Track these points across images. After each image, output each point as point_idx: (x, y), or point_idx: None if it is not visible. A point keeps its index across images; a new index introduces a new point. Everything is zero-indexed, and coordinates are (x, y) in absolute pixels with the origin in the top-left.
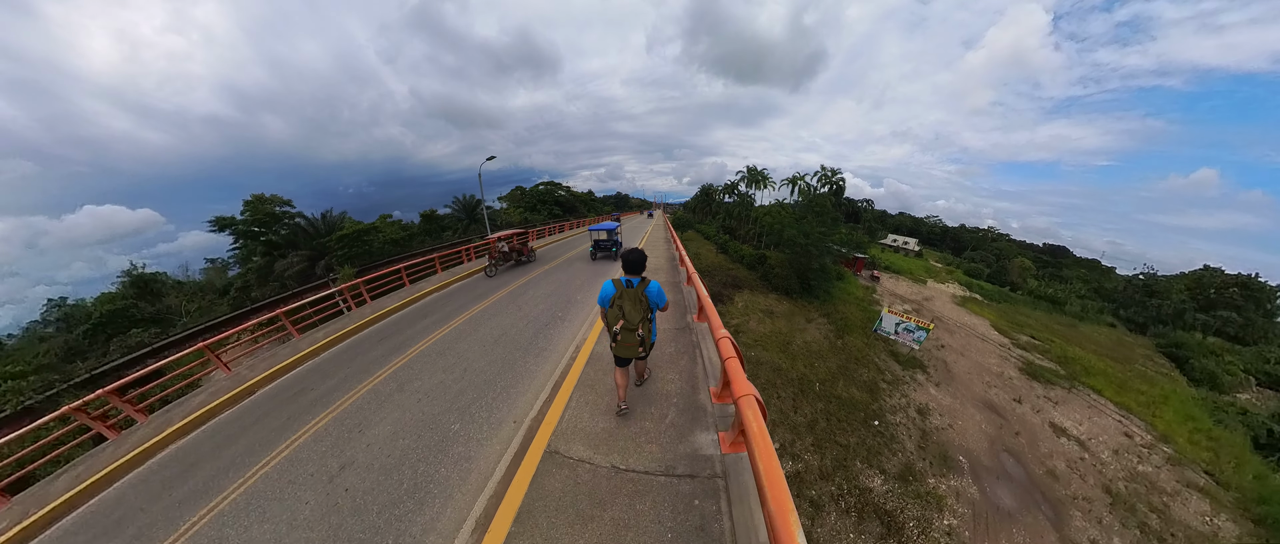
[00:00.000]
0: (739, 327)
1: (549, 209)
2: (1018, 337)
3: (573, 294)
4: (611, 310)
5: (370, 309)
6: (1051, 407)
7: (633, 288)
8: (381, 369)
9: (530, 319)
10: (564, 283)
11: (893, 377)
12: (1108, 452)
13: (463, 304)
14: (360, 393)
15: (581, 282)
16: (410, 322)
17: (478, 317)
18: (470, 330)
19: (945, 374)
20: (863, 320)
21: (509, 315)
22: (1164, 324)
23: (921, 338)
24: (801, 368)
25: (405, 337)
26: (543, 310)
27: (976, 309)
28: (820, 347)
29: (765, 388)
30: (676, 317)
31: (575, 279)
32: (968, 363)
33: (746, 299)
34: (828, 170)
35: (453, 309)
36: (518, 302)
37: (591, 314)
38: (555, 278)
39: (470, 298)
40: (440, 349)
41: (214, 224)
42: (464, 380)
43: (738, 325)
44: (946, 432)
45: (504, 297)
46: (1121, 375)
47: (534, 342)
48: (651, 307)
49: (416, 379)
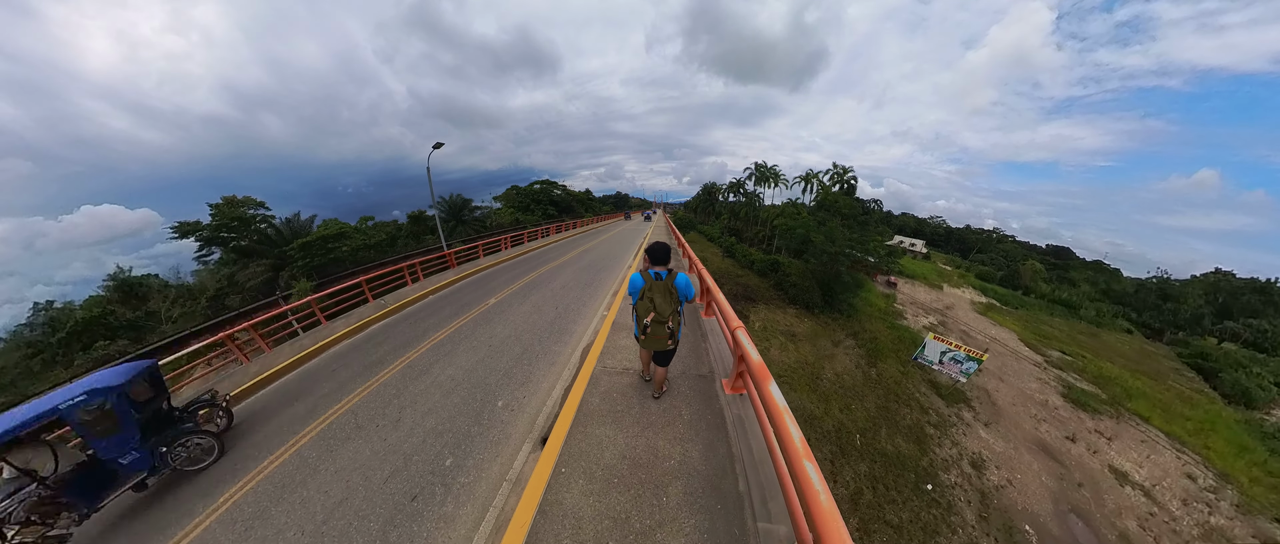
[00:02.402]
0: None
1: (544, 209)
2: (1048, 352)
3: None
4: (642, 303)
5: (326, 331)
6: (1105, 443)
7: (661, 280)
8: (300, 432)
9: (512, 344)
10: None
11: (938, 417)
12: (1176, 502)
13: (428, 328)
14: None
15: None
16: (350, 356)
17: (444, 344)
18: (415, 376)
19: (990, 407)
20: (893, 341)
21: (476, 352)
22: (1181, 329)
23: (971, 370)
24: (838, 413)
25: (341, 381)
26: (520, 334)
27: (1000, 319)
28: (853, 379)
29: None
30: None
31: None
32: (1009, 391)
33: (764, 317)
34: (840, 168)
35: (412, 336)
36: (495, 322)
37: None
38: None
39: (447, 313)
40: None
41: (176, 230)
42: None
43: None
44: (1007, 491)
45: (478, 316)
46: (1161, 396)
47: (502, 387)
48: (681, 298)
49: (334, 457)
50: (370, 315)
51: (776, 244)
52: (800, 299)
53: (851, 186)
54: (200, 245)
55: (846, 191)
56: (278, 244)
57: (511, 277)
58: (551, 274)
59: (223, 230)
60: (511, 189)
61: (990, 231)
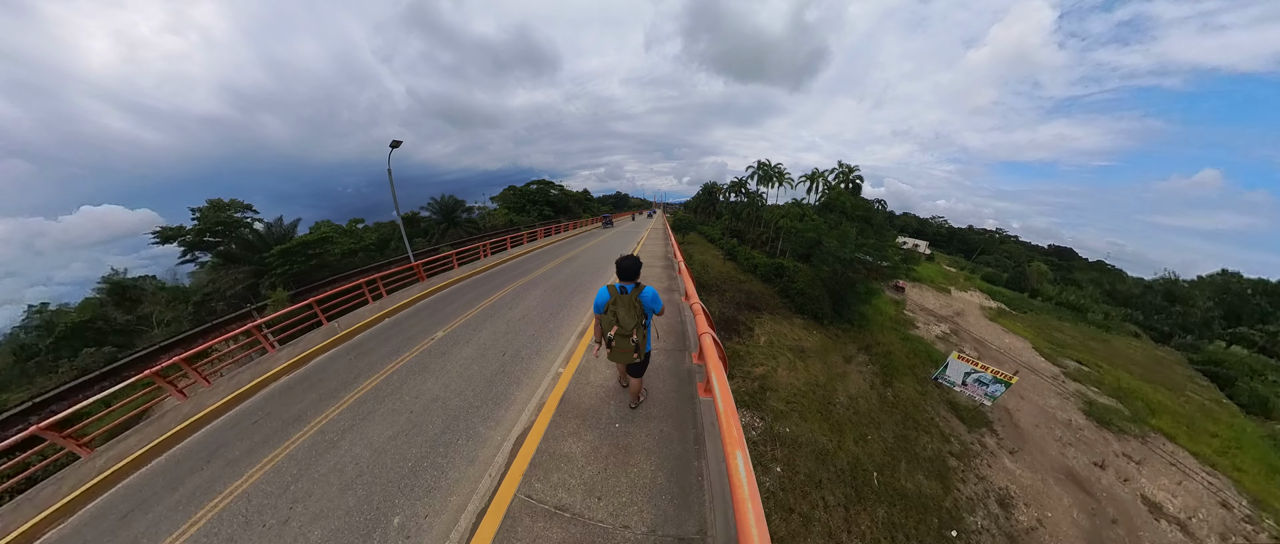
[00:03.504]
0: (765, 378)
1: (539, 210)
2: (1065, 363)
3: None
4: (605, 316)
5: (269, 362)
6: (1134, 468)
7: (627, 294)
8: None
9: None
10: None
11: (960, 445)
12: (1214, 537)
13: (361, 371)
14: None
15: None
16: (293, 391)
17: (366, 399)
18: (364, 416)
19: (1013, 429)
20: (908, 355)
21: (394, 420)
22: (1189, 333)
23: (998, 393)
24: (852, 446)
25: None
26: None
27: (1012, 326)
28: (868, 403)
29: (806, 490)
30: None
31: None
32: (1031, 409)
33: (770, 329)
34: (845, 167)
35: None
36: (429, 371)
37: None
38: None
39: (389, 349)
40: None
41: (158, 236)
42: None
43: (763, 376)
44: (1038, 533)
45: (414, 360)
46: (1182, 410)
47: (403, 493)
48: (646, 312)
49: None
50: (318, 345)
51: (781, 246)
52: (808, 308)
53: (857, 186)
54: (184, 251)
55: (852, 191)
56: (259, 249)
57: (475, 296)
58: (519, 294)
59: (208, 234)
60: (509, 189)
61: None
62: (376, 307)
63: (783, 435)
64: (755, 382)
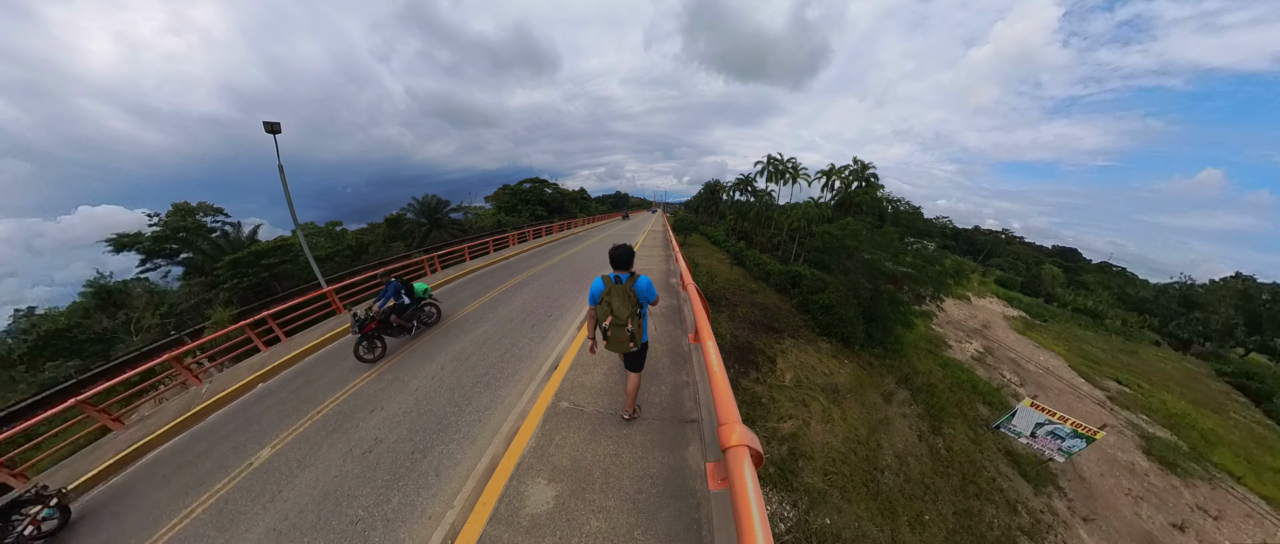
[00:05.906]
0: (797, 438)
1: (532, 209)
2: (1105, 383)
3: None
4: (600, 307)
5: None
6: (1213, 525)
7: (621, 283)
8: None
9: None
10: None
11: (1029, 516)
12: None
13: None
14: None
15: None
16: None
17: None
18: None
19: (1080, 485)
20: (951, 387)
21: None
22: (1208, 340)
23: (1075, 449)
24: (908, 537)
25: None
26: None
27: (1042, 340)
28: (920, 463)
29: None
30: None
31: None
32: (1093, 452)
33: (795, 361)
34: (860, 163)
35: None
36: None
37: None
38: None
39: None
40: None
41: (112, 245)
42: None
43: (793, 434)
44: None
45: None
46: (1235, 438)
47: None
48: (641, 301)
49: None
50: (245, 378)
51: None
52: (836, 329)
53: (871, 185)
54: (143, 259)
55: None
56: (215, 259)
57: (455, 302)
58: (468, 322)
59: (171, 241)
60: (503, 189)
61: (999, 233)
62: (307, 335)
63: (821, 533)
64: (784, 445)
